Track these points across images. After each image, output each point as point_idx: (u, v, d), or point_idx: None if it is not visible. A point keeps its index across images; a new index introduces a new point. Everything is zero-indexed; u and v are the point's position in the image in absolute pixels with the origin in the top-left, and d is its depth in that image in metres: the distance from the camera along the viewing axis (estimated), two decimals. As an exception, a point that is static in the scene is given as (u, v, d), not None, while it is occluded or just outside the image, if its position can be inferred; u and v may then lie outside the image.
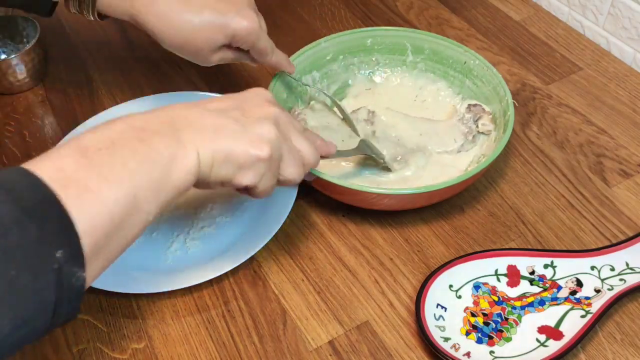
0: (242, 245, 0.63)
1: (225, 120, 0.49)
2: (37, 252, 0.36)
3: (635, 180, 0.70)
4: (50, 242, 0.36)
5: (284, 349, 0.57)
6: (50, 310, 0.37)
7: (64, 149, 0.41)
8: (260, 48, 0.65)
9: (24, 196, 0.37)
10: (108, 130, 0.44)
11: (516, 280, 0.60)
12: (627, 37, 0.84)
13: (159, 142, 0.44)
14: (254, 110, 0.51)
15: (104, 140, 0.42)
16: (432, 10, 0.93)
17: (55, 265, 0.36)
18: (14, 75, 0.79)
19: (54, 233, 0.36)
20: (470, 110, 0.72)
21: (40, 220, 0.36)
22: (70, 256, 0.37)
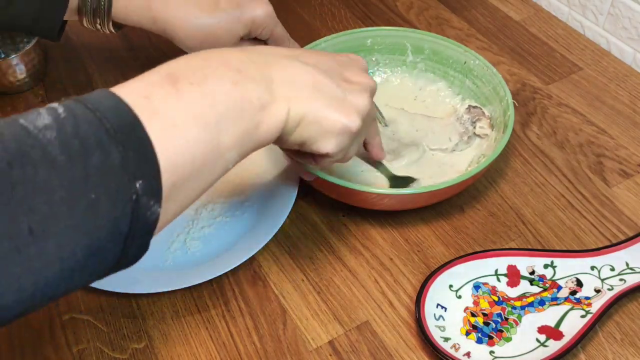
0: (242, 245, 0.63)
1: (326, 81, 0.46)
2: (118, 179, 0.34)
3: (635, 180, 0.70)
4: (132, 170, 0.34)
5: (284, 349, 0.57)
6: (122, 242, 0.35)
7: (153, 75, 0.40)
8: (279, 33, 0.66)
9: (108, 118, 0.35)
10: (203, 63, 0.42)
11: (516, 280, 0.60)
12: (627, 37, 0.84)
13: (252, 89, 0.42)
14: (354, 77, 0.49)
15: (197, 74, 0.41)
16: (432, 10, 0.93)
17: (134, 195, 0.35)
18: (14, 75, 0.79)
19: (136, 162, 0.35)
20: (469, 111, 0.72)
21: (123, 146, 0.34)
22: (150, 188, 0.35)
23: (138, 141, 0.36)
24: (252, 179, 0.69)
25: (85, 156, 0.33)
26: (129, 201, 0.34)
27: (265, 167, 0.70)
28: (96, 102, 0.36)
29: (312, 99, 0.45)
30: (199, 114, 0.40)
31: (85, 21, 0.64)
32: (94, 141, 0.34)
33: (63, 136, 0.33)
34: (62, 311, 0.60)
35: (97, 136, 0.34)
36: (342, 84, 0.47)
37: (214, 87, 0.41)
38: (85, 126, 0.34)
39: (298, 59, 0.47)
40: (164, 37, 0.66)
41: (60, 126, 0.33)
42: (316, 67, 0.47)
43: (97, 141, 0.34)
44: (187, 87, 0.39)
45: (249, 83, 0.42)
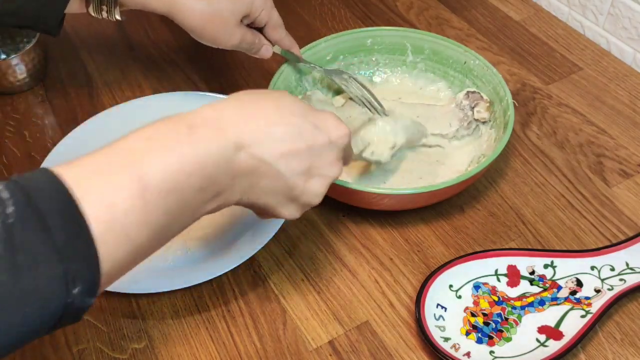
0: (242, 245, 0.63)
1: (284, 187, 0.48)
2: (56, 290, 0.35)
3: (635, 180, 0.70)
4: (73, 280, 0.35)
5: (284, 349, 0.57)
6: (50, 327, 0.37)
7: (123, 173, 0.39)
8: (276, 18, 0.69)
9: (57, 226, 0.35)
10: (177, 164, 0.41)
11: (516, 280, 0.60)
12: (627, 37, 0.84)
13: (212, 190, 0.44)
14: (320, 172, 0.50)
15: (168, 179, 0.40)
16: (432, 10, 0.93)
17: (69, 299, 0.36)
18: (14, 75, 0.79)
19: (77, 272, 0.36)
20: (468, 96, 0.72)
21: (68, 258, 0.35)
22: (87, 291, 0.36)
23: (86, 252, 0.36)
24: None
25: (28, 271, 0.34)
26: (62, 305, 0.36)
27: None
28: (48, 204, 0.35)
29: (263, 197, 0.48)
30: (157, 224, 0.40)
31: (92, 8, 0.65)
32: (39, 253, 0.34)
33: (10, 250, 0.33)
34: (62, 311, 0.60)
35: (44, 249, 0.34)
36: (299, 187, 0.48)
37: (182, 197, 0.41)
38: (33, 237, 0.34)
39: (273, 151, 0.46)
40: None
41: (8, 236, 0.33)
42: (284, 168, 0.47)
43: (43, 254, 0.34)
44: (155, 195, 0.39)
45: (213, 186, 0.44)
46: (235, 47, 0.67)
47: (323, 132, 0.49)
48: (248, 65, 0.84)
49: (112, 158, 0.40)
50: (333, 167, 0.50)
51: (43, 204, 0.35)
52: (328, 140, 0.49)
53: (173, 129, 0.42)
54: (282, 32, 0.70)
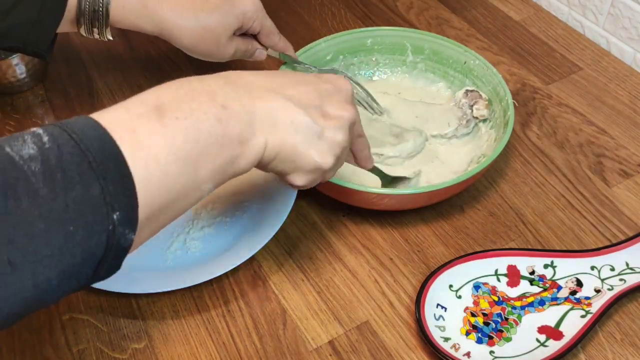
0: (242, 245, 0.63)
1: (304, 118, 0.47)
2: (97, 211, 0.36)
3: (635, 180, 0.70)
4: (111, 202, 0.36)
5: (284, 349, 0.57)
6: (94, 265, 0.37)
7: (140, 105, 0.41)
8: (268, 27, 0.69)
9: (91, 150, 0.36)
10: (189, 95, 0.43)
11: (516, 280, 0.60)
12: (627, 37, 0.84)
13: (235, 126, 0.44)
14: (334, 111, 0.50)
15: (183, 108, 0.42)
16: (432, 10, 0.93)
17: (110, 226, 0.36)
18: (14, 75, 0.79)
19: (115, 194, 0.36)
20: (467, 95, 0.72)
21: (104, 179, 0.36)
22: (126, 219, 0.37)
23: (119, 174, 0.37)
24: (252, 179, 0.69)
25: (67, 189, 0.35)
26: (104, 231, 0.36)
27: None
28: (80, 132, 0.37)
29: (289, 136, 0.47)
30: (182, 150, 0.41)
31: (83, 29, 0.65)
32: (76, 173, 0.35)
33: (47, 168, 0.34)
34: (62, 311, 0.60)
35: (80, 169, 0.35)
36: (320, 121, 0.49)
37: (199, 124, 0.42)
38: (69, 158, 0.35)
39: (280, 93, 0.48)
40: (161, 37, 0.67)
41: (44, 157, 0.35)
42: (297, 102, 0.48)
43: (79, 174, 0.35)
44: (172, 122, 0.41)
45: (233, 119, 0.44)
46: (229, 59, 0.68)
47: (328, 81, 0.52)
48: (248, 66, 0.84)
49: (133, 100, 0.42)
50: (345, 108, 0.51)
51: (77, 135, 0.37)
52: (333, 86, 0.51)
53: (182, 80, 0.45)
54: (275, 37, 0.71)
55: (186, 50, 0.67)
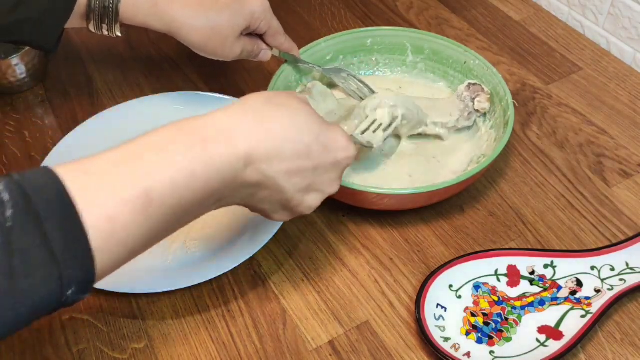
0: (242, 245, 0.63)
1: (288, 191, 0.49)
2: (53, 292, 0.36)
3: (635, 180, 0.70)
4: (68, 283, 0.37)
5: (284, 349, 0.57)
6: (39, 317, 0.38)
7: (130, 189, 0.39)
8: (275, 28, 0.69)
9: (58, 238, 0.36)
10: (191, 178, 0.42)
11: (516, 280, 0.60)
12: (627, 37, 0.84)
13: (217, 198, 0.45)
14: (320, 185, 0.51)
15: (179, 194, 0.41)
16: (432, 10, 0.93)
17: (63, 298, 0.37)
18: (14, 75, 0.79)
19: (73, 276, 0.37)
20: (469, 88, 0.72)
21: (65, 265, 0.36)
22: (81, 290, 0.38)
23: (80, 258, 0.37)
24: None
25: (25, 276, 0.35)
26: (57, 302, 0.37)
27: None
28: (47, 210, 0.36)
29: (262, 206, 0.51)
30: (159, 231, 0.41)
31: (93, 25, 0.65)
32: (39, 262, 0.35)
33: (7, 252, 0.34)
34: (62, 311, 0.60)
35: (43, 257, 0.35)
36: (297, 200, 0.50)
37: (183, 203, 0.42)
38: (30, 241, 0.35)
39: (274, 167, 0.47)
40: (164, 36, 0.66)
41: (6, 240, 0.34)
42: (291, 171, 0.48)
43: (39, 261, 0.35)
44: (159, 208, 0.40)
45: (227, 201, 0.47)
46: (235, 58, 0.69)
47: (331, 153, 0.50)
48: (248, 66, 0.84)
49: (120, 167, 0.40)
50: (333, 185, 0.52)
51: (42, 208, 0.35)
52: (334, 161, 0.51)
53: (187, 141, 0.42)
54: (282, 37, 0.71)
55: (193, 48, 0.67)
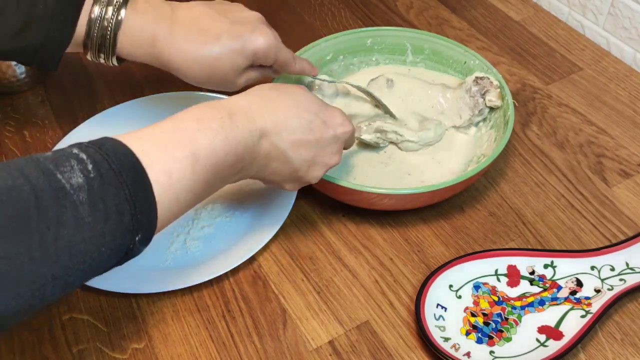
0: (242, 245, 0.63)
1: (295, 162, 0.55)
2: (125, 235, 0.42)
3: (635, 180, 0.70)
4: (137, 228, 0.43)
5: (284, 349, 0.57)
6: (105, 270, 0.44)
7: (177, 147, 0.46)
8: (282, 61, 0.66)
9: (128, 183, 0.42)
10: (225, 142, 0.49)
11: (516, 280, 0.60)
12: (627, 37, 0.84)
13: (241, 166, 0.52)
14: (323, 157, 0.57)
15: (216, 154, 0.48)
16: (432, 10, 0.93)
17: (131, 245, 0.43)
18: (14, 75, 0.79)
19: (141, 222, 0.43)
20: (477, 83, 0.71)
21: (135, 208, 0.42)
22: (144, 239, 0.44)
23: (147, 206, 0.43)
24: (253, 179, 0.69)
25: (106, 219, 0.41)
26: (126, 249, 0.43)
27: (265, 167, 0.70)
28: (120, 164, 0.42)
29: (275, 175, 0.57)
30: (202, 191, 0.49)
31: (90, 55, 0.63)
32: (114, 204, 0.41)
33: (92, 198, 0.40)
34: (62, 311, 0.60)
35: (117, 200, 0.41)
36: (303, 170, 0.57)
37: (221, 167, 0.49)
38: (109, 190, 0.41)
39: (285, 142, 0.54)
40: None
41: (90, 187, 0.40)
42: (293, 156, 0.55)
43: (116, 204, 0.41)
44: (202, 169, 0.47)
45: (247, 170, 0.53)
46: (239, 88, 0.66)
47: (330, 127, 0.57)
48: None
49: (168, 133, 0.47)
50: (334, 156, 0.58)
51: (116, 163, 0.42)
52: (333, 135, 0.57)
53: (217, 114, 0.50)
54: (291, 67, 0.68)
55: (195, 84, 0.66)
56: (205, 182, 0.48)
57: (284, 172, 0.56)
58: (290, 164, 0.55)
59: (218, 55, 0.62)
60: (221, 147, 0.49)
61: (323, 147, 0.57)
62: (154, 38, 0.62)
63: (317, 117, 0.56)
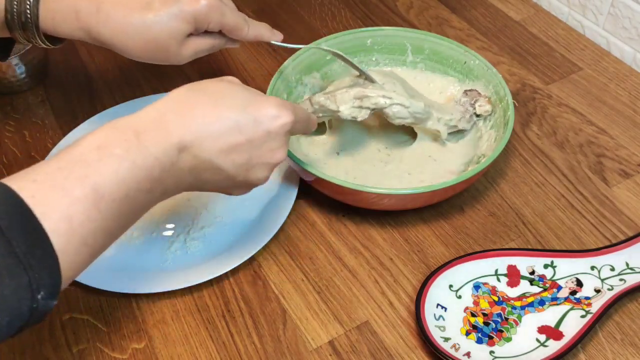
0: (242, 245, 0.63)
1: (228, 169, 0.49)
2: (24, 298, 0.37)
3: (635, 180, 0.70)
4: (37, 288, 0.37)
5: (284, 349, 0.57)
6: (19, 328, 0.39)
7: (79, 187, 0.40)
8: (229, 23, 0.60)
9: (18, 239, 0.37)
10: (133, 169, 0.43)
11: (516, 280, 0.60)
12: (627, 37, 0.84)
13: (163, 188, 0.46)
14: (261, 157, 0.51)
15: (125, 185, 0.42)
16: (432, 10, 0.93)
17: (34, 304, 0.38)
18: (14, 75, 0.79)
19: (41, 279, 0.38)
20: (466, 94, 0.72)
21: (32, 269, 0.37)
22: (50, 295, 0.39)
23: (46, 262, 0.38)
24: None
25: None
26: (28, 309, 0.38)
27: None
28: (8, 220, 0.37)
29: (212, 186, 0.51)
30: (113, 229, 0.43)
31: (19, 36, 0.58)
32: (3, 268, 0.36)
33: None
34: (62, 311, 0.60)
35: (6, 261, 0.36)
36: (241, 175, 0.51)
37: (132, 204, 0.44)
38: None
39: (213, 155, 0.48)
40: None
41: None
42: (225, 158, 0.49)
43: (7, 268, 0.36)
44: (109, 204, 0.41)
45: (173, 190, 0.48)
46: (189, 60, 0.61)
47: (262, 123, 0.50)
48: (249, 66, 0.84)
49: (65, 171, 0.41)
50: (276, 153, 0.52)
51: (4, 220, 0.37)
52: (267, 131, 0.50)
53: (120, 136, 0.43)
54: (243, 31, 0.61)
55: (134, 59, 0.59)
56: (119, 216, 0.43)
57: (220, 182, 0.50)
58: (224, 172, 0.49)
59: (152, 22, 0.55)
60: (129, 176, 0.42)
61: (258, 146, 0.50)
62: (77, 9, 0.55)
63: (244, 114, 0.49)
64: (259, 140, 0.50)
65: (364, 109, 0.64)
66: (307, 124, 0.56)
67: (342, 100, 0.63)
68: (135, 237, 0.64)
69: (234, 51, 0.86)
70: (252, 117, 0.49)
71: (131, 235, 0.64)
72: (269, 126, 0.50)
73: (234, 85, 0.51)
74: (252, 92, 0.51)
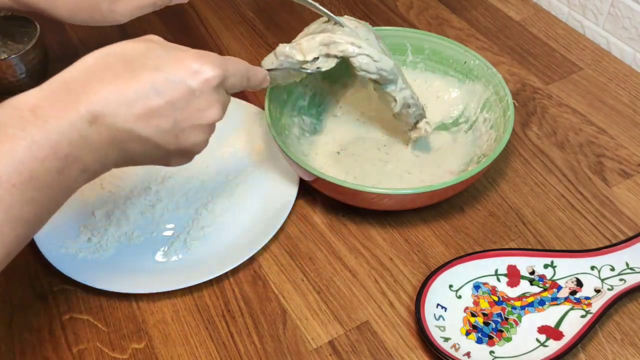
0: (242, 245, 0.63)
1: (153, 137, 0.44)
2: None
3: (635, 180, 0.70)
4: None
5: (284, 349, 0.57)
6: None
7: None
8: None
9: None
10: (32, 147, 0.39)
11: (516, 280, 0.60)
12: (627, 37, 0.84)
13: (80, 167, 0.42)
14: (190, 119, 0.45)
15: (27, 167, 0.38)
16: (432, 10, 0.93)
17: None
18: (14, 75, 0.79)
19: None
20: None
21: None
22: None
23: None
24: (252, 179, 0.69)
25: None
26: None
27: (265, 168, 0.70)
28: None
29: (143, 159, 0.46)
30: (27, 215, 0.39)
31: None
32: None
33: None
34: (62, 311, 0.60)
35: None
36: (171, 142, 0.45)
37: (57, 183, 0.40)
38: None
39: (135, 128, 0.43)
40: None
41: None
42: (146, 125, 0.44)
43: None
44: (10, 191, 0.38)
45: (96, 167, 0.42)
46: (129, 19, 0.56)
47: (182, 82, 0.44)
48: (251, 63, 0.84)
49: None
50: (207, 112, 0.46)
51: None
52: (188, 89, 0.45)
53: (15, 113, 0.39)
54: None
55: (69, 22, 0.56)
56: (30, 202, 0.39)
57: (150, 153, 0.45)
58: (150, 141, 0.44)
59: None
60: (28, 156, 0.38)
61: (182, 108, 0.44)
62: None
63: (159, 73, 0.43)
64: (181, 100, 0.44)
65: (330, 58, 0.58)
66: (246, 77, 0.50)
67: (309, 48, 0.57)
68: (135, 237, 0.64)
69: (231, 48, 0.86)
70: (169, 75, 0.44)
71: (131, 235, 0.64)
72: (190, 83, 0.44)
73: (151, 43, 0.45)
74: (172, 47, 0.46)
